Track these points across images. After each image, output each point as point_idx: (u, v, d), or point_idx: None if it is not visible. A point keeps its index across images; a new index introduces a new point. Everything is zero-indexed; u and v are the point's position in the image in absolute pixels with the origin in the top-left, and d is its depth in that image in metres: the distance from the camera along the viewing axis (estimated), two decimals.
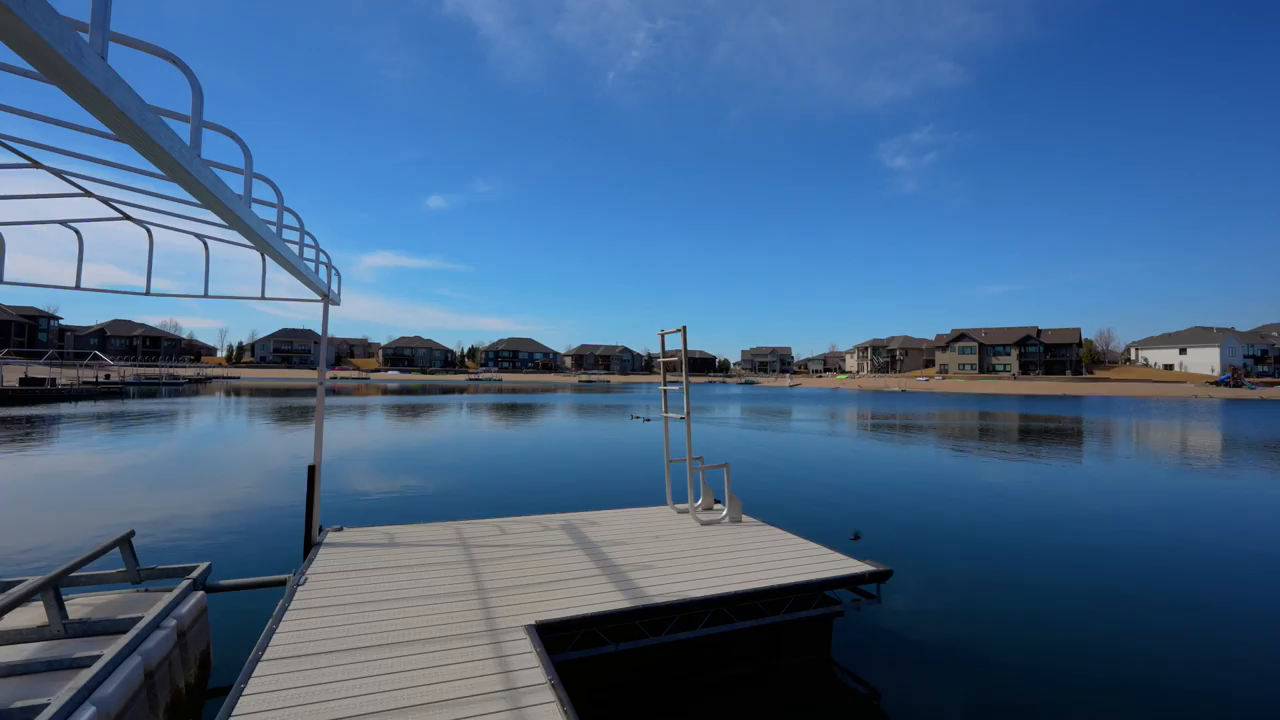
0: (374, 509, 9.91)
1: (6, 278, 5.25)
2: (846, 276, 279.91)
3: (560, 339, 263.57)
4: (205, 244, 5.88)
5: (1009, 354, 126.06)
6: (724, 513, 6.36)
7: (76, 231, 5.50)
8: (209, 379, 79.58)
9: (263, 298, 6.15)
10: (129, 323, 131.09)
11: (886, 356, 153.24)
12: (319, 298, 5.65)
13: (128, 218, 5.49)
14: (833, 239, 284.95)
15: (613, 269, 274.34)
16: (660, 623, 4.23)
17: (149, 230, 5.71)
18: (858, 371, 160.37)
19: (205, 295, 5.97)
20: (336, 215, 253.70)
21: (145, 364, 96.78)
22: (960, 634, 5.46)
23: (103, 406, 33.25)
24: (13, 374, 48.50)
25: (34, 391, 40.04)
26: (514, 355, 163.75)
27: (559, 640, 3.95)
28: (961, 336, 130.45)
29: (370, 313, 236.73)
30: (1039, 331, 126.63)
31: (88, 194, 4.85)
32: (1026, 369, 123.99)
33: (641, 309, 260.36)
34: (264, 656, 3.31)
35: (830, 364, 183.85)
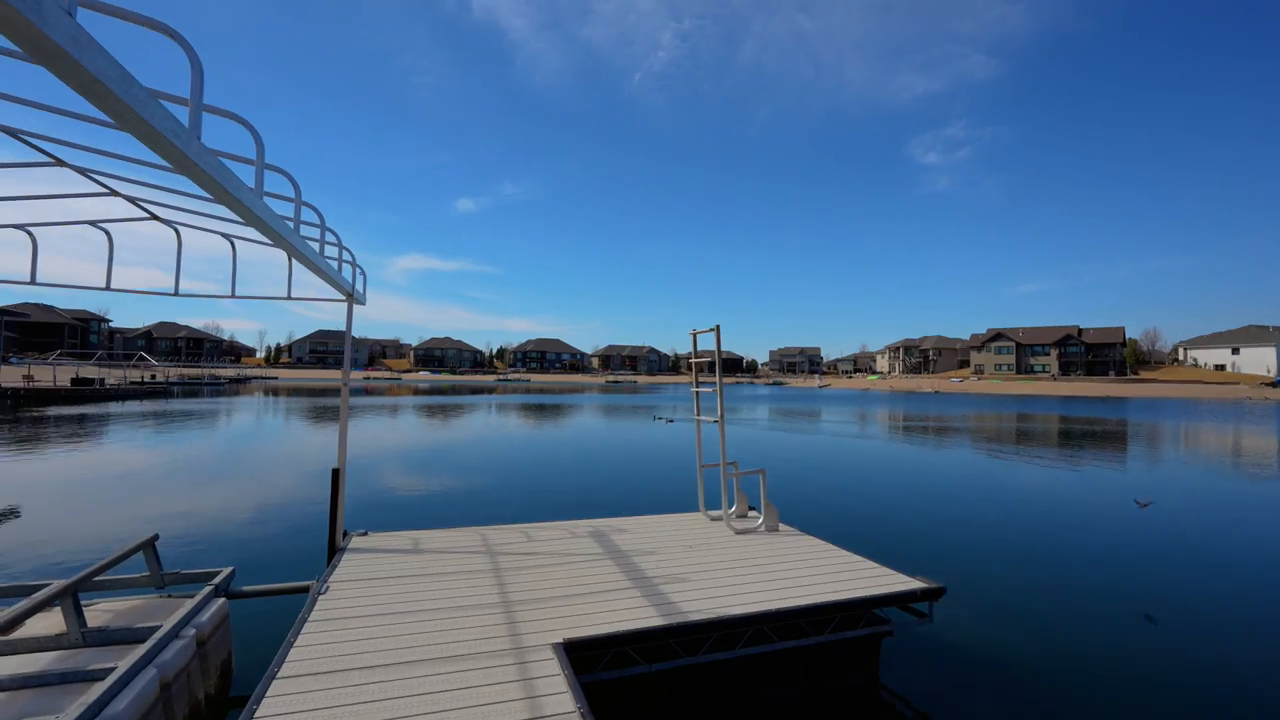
0: (400, 511, 9.84)
1: (40, 279, 5.24)
2: (876, 276, 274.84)
3: (587, 340, 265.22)
4: (232, 244, 5.81)
5: (1048, 354, 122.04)
6: (760, 521, 6.04)
7: (106, 232, 5.47)
8: (248, 379, 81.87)
9: (289, 298, 6.06)
10: (174, 325, 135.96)
11: (919, 357, 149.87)
12: (343, 297, 5.52)
13: (155, 217, 5.44)
14: (863, 237, 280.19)
15: (639, 270, 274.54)
16: (696, 642, 3.95)
17: (177, 230, 5.66)
18: (889, 372, 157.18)
19: (233, 295, 5.91)
20: (370, 218, 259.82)
21: (188, 365, 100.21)
22: (1019, 657, 5.05)
23: (147, 406, 34.35)
24: (65, 374, 50.58)
25: (84, 391, 41.68)
26: (541, 356, 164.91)
27: (588, 659, 3.70)
28: (998, 336, 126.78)
29: (401, 314, 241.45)
30: (1080, 331, 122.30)
31: (114, 193, 4.79)
32: (1067, 370, 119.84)
33: (668, 309, 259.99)
34: (279, 674, 3.14)
35: (860, 364, 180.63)
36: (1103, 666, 4.93)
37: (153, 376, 64.85)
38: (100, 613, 4.10)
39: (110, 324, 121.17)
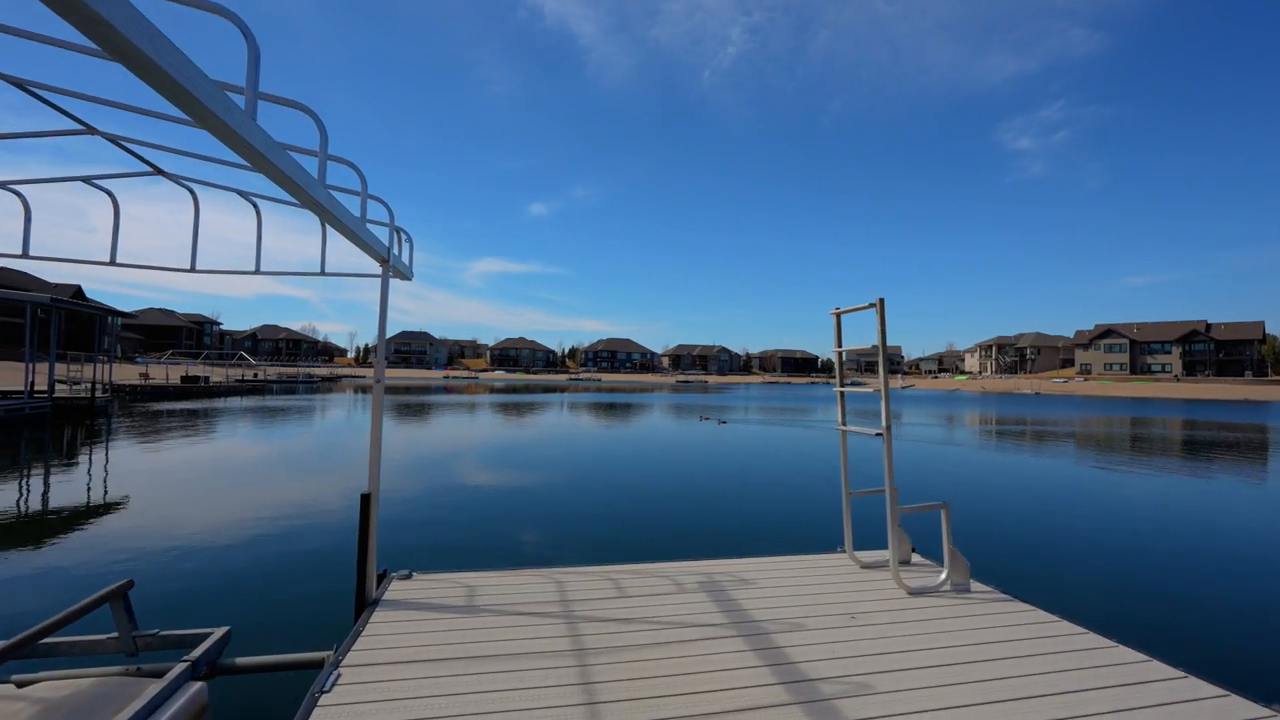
0: (454, 534, 8.39)
1: (34, 251, 4.23)
2: (963, 269, 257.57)
3: (657, 339, 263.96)
4: (255, 206, 4.65)
5: (1169, 352, 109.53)
6: (942, 576, 4.26)
7: (108, 192, 4.42)
8: (339, 378, 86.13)
9: (322, 273, 4.88)
10: (275, 327, 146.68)
11: (1014, 355, 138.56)
12: (377, 265, 4.23)
13: (161, 172, 4.34)
14: (947, 229, 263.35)
15: (709, 269, 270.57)
16: None
17: (192, 191, 4.57)
18: (980, 372, 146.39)
19: (257, 272, 4.75)
20: (448, 223, 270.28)
21: (286, 364, 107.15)
22: None
23: (246, 401, 35.94)
24: (176, 372, 54.69)
25: (192, 388, 44.69)
26: (612, 356, 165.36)
27: None
28: (1108, 332, 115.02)
29: (478, 316, 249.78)
30: (1208, 327, 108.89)
31: (94, 130, 3.70)
32: (1192, 370, 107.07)
33: (739, 308, 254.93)
34: None
35: (946, 364, 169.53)
36: None
37: (255, 375, 69.38)
38: (39, 693, 2.93)
39: (220, 326, 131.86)
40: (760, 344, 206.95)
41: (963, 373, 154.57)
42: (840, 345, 4.88)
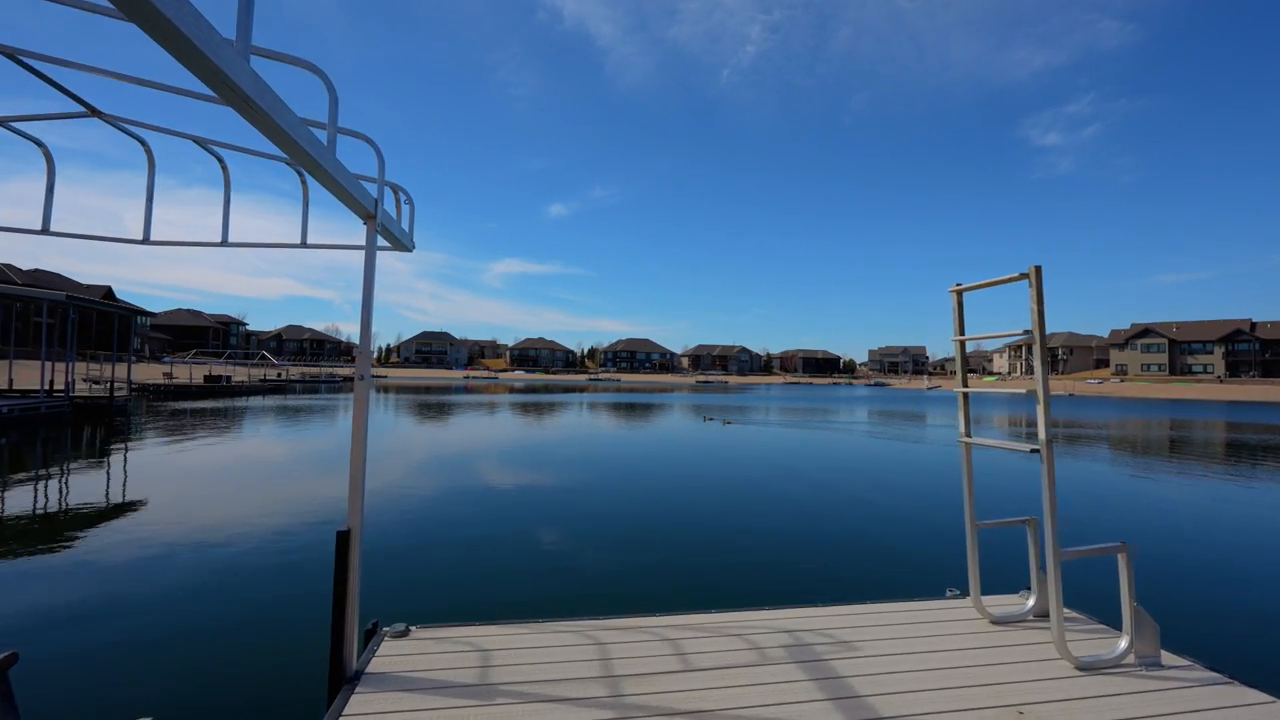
0: (468, 564, 6.99)
1: (54, 241, 3.29)
2: (989, 266, 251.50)
3: (676, 339, 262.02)
4: (220, 159, 3.70)
5: (1210, 352, 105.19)
6: (1122, 645, 3.14)
7: (38, 143, 3.52)
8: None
9: (303, 244, 3.94)
10: (300, 328, 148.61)
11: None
12: (363, 221, 3.24)
13: (97, 112, 3.41)
14: (971, 227, 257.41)
15: (728, 269, 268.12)
16: None
17: (143, 142, 3.65)
18: (1009, 372, 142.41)
19: (224, 244, 3.81)
20: (470, 225, 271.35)
21: (308, 364, 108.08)
22: None
23: (266, 401, 35.63)
24: (200, 372, 55.02)
25: (214, 387, 44.80)
26: (631, 356, 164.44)
27: None
28: (1145, 332, 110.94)
29: (498, 316, 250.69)
30: (1253, 325, 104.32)
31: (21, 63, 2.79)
32: (1235, 370, 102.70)
33: (758, 308, 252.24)
34: None
35: (973, 364, 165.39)
36: None
37: (279, 375, 69.80)
38: None
39: (247, 327, 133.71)
40: (780, 344, 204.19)
41: (991, 373, 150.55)
42: (962, 333, 3.77)
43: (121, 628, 5.04)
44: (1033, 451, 3.13)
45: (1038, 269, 3.10)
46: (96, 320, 56.42)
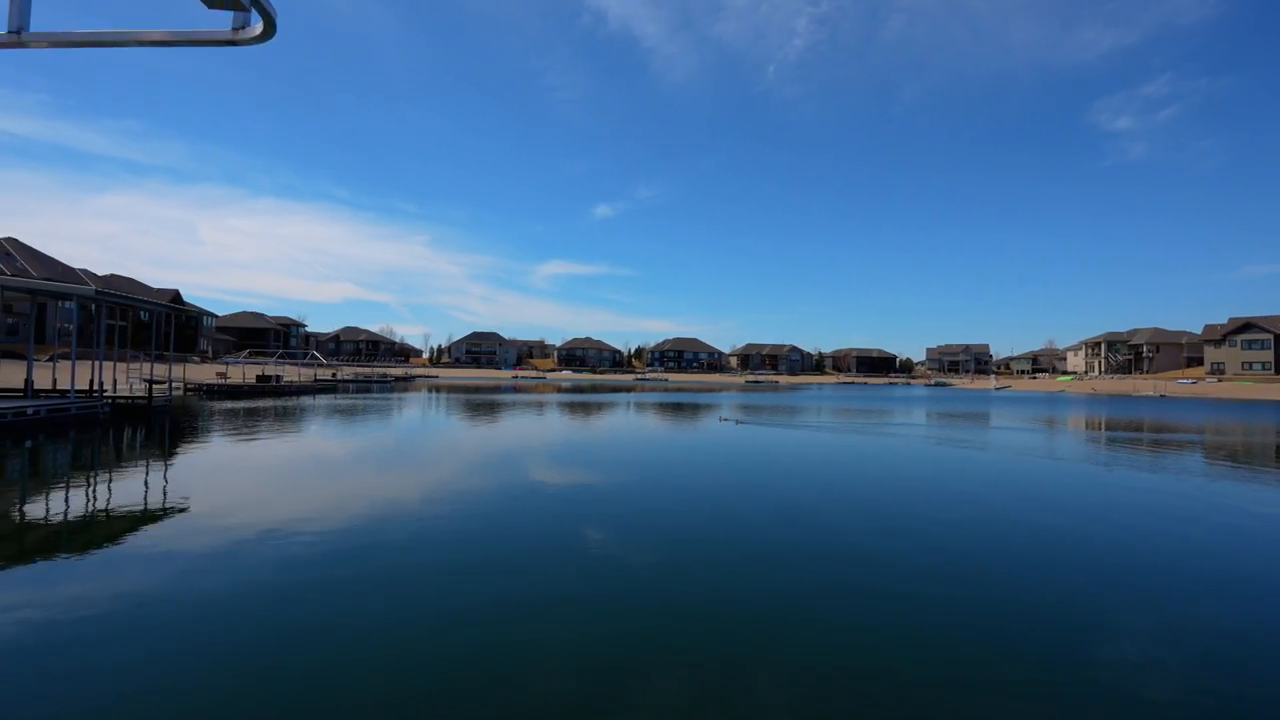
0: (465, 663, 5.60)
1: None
2: (1057, 261, 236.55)
3: (724, 339, 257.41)
4: None
5: None
6: None
7: None
8: (413, 377, 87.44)
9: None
10: (356, 329, 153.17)
11: (1128, 354, 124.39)
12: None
13: None
14: (1037, 220, 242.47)
15: (776, 267, 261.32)
16: None
17: None
18: (1085, 372, 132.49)
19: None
20: (519, 228, 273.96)
21: (361, 364, 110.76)
22: None
23: (316, 401, 35.36)
24: (253, 372, 56.22)
25: (265, 386, 45.29)
26: (679, 355, 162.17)
27: None
28: (1246, 326, 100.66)
29: (546, 317, 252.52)
30: None
31: None
32: None
33: (809, 307, 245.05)
34: None
35: (1042, 363, 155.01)
36: None
37: (333, 375, 71.05)
38: None
39: (306, 328, 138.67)
40: (831, 343, 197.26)
41: (1064, 373, 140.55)
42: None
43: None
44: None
45: None
46: (163, 321, 58.44)
